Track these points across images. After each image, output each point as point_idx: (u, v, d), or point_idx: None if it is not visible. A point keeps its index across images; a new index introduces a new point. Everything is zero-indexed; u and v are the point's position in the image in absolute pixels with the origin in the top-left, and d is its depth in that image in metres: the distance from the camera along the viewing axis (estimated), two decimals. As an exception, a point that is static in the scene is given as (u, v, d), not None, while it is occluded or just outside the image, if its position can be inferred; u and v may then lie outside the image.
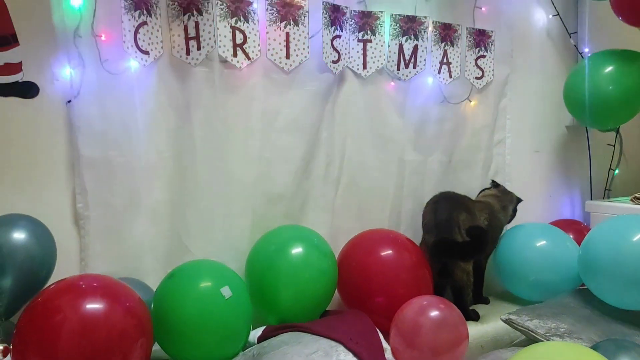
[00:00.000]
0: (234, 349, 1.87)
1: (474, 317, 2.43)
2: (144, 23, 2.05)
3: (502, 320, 2.24)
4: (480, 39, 2.77)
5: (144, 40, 2.05)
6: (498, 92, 2.88)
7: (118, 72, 2.04)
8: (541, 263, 2.53)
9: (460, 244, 2.31)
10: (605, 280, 2.22)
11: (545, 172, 3.11)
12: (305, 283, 2.09)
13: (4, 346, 1.60)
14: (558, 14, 2.98)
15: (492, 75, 2.82)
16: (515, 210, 2.68)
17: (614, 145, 3.06)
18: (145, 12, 2.05)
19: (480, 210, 2.48)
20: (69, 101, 2.00)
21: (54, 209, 1.99)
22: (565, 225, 2.86)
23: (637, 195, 2.79)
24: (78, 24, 1.97)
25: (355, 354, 1.84)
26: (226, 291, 1.81)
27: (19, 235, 1.78)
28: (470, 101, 2.78)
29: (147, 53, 2.07)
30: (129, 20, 2.01)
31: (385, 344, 2.01)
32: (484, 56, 2.79)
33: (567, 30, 3.02)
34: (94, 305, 1.60)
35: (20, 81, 1.95)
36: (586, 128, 3.09)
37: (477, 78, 2.79)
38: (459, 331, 2.05)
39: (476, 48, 2.77)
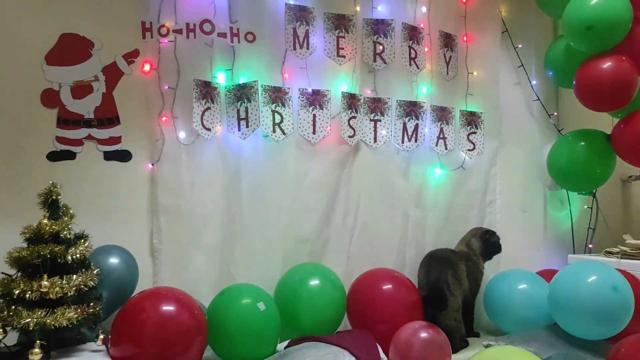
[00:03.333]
0: (266, 352, 2.45)
1: (464, 344, 2.93)
2: (209, 108, 2.79)
3: (484, 346, 2.78)
4: (472, 119, 3.42)
5: (207, 120, 2.79)
6: (488, 161, 3.47)
7: (188, 143, 2.77)
8: (523, 303, 3.02)
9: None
10: (567, 313, 2.72)
11: (533, 229, 3.62)
12: (319, 308, 2.67)
13: (104, 336, 2.22)
14: (538, 99, 3.61)
15: (483, 147, 3.44)
16: (487, 241, 3.13)
17: (591, 208, 3.59)
18: (210, 100, 2.80)
19: (460, 260, 2.99)
20: (152, 164, 2.73)
21: (137, 242, 2.66)
22: (549, 274, 3.34)
23: (607, 249, 3.31)
24: (162, 109, 2.74)
25: (357, 358, 2.41)
26: (261, 305, 2.42)
27: (113, 260, 2.45)
28: (464, 168, 3.40)
29: (209, 129, 2.80)
30: (198, 106, 2.75)
31: (383, 355, 2.55)
32: (475, 132, 3.43)
33: (547, 112, 3.64)
34: (168, 308, 2.23)
35: (119, 149, 2.70)
36: (567, 192, 3.65)
37: (469, 150, 3.42)
38: (443, 350, 2.58)
39: (468, 126, 3.42)
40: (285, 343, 2.61)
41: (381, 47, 3.15)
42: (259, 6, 2.91)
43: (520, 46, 3.57)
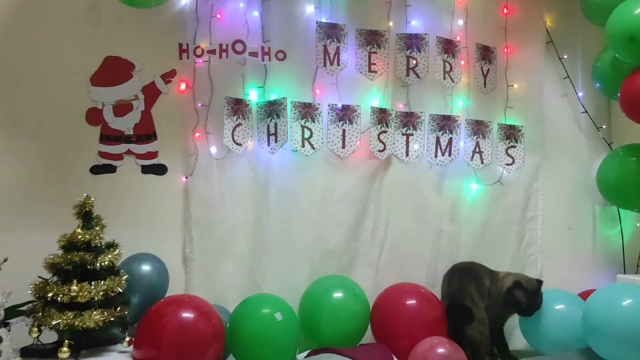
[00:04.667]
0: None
1: (490, 360, 2.88)
2: (240, 124, 2.93)
3: (511, 367, 2.72)
4: (511, 132, 3.34)
5: (238, 136, 2.92)
6: (529, 176, 3.36)
7: (219, 157, 2.92)
8: (559, 325, 2.91)
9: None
10: (600, 337, 2.60)
11: (580, 247, 3.45)
12: (341, 320, 2.72)
13: (130, 339, 2.40)
14: (586, 111, 3.46)
15: (523, 161, 3.33)
16: (514, 297, 2.87)
17: (644, 225, 3.40)
18: (241, 116, 2.93)
19: (485, 276, 2.92)
20: (186, 177, 2.90)
21: (170, 251, 2.83)
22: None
23: (659, 270, 3.12)
24: (195, 125, 2.91)
25: (370, 371, 2.45)
26: (278, 316, 2.50)
27: (145, 267, 2.62)
28: (502, 183, 3.32)
29: (240, 145, 2.93)
30: (229, 122, 2.89)
31: (399, 370, 2.57)
32: (514, 146, 3.34)
33: (595, 125, 3.47)
34: (187, 315, 2.36)
35: (155, 163, 2.89)
36: (618, 209, 3.46)
37: (507, 164, 3.33)
38: (460, 368, 2.57)
39: (507, 140, 3.33)
40: (306, 353, 2.68)
41: (414, 62, 3.16)
42: (291, 25, 3.02)
43: (565, 57, 3.44)
